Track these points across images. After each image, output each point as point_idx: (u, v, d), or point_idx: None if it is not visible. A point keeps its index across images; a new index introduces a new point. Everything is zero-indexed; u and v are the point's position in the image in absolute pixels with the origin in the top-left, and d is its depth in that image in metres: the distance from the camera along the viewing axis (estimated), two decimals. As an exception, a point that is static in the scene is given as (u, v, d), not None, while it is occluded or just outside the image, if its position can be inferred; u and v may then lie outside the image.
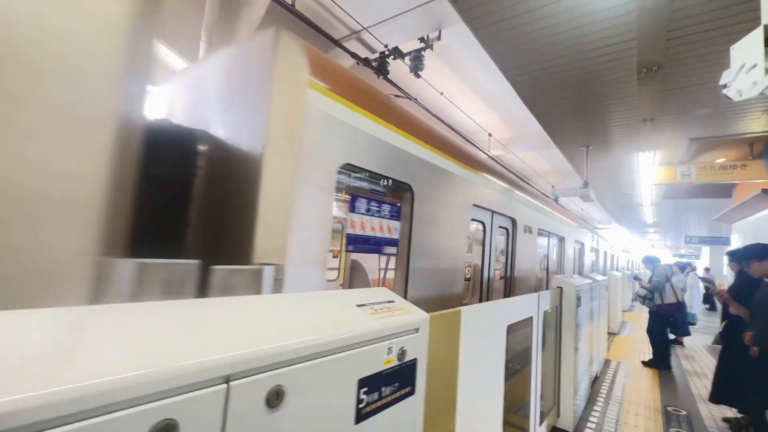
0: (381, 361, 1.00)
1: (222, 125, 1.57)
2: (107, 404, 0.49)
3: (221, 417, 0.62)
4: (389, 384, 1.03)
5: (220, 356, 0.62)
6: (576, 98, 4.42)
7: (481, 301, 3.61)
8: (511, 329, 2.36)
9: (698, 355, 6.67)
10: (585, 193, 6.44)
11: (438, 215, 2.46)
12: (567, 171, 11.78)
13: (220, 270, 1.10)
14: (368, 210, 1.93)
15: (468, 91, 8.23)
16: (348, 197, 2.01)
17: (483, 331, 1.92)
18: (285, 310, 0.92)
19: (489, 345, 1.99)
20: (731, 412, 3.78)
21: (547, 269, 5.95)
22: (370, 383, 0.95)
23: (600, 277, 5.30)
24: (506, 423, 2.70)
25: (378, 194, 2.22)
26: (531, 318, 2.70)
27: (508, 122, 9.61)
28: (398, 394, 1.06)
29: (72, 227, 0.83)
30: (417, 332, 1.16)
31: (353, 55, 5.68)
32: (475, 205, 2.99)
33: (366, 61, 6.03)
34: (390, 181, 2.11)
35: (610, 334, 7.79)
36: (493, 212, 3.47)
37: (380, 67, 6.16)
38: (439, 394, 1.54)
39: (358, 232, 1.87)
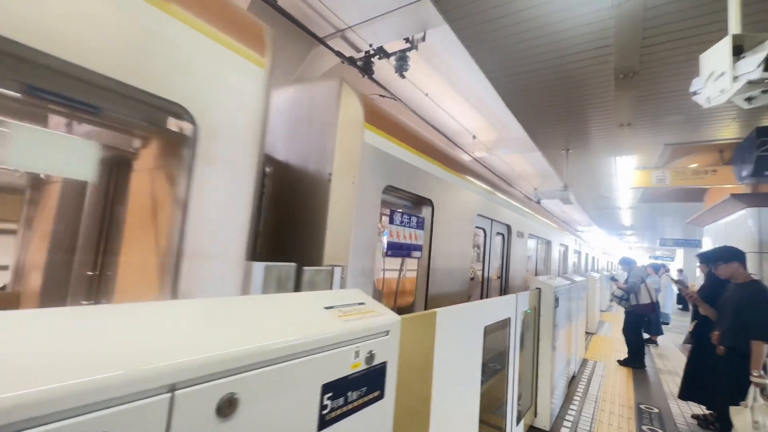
0: (347, 365, 0.97)
1: (288, 152, 1.91)
2: (25, 419, 0.45)
3: (164, 429, 0.58)
4: (356, 388, 1.00)
5: (164, 364, 0.59)
6: (556, 102, 4.49)
7: (482, 297, 4.00)
8: (488, 330, 2.38)
9: (671, 353, 6.89)
10: (565, 196, 6.57)
11: (451, 224, 2.91)
12: (549, 173, 12.01)
13: (308, 270, 1.48)
14: (401, 222, 2.37)
15: (453, 92, 8.29)
16: (388, 212, 2.40)
17: (459, 332, 1.92)
18: (247, 313, 0.88)
19: (465, 346, 1.99)
20: (700, 409, 3.92)
21: (536, 270, 6.44)
22: (334, 388, 0.92)
23: (578, 278, 5.41)
24: (483, 423, 2.71)
25: (408, 209, 2.65)
26: (509, 319, 2.72)
27: (492, 125, 9.72)
28: (366, 398, 1.04)
29: (233, 240, 1.25)
30: (387, 335, 1.14)
31: (338, 54, 5.63)
32: (478, 214, 3.47)
33: (351, 60, 5.99)
34: (416, 198, 2.54)
35: (588, 333, 7.98)
36: (492, 220, 3.94)
37: (365, 67, 6.13)
38: (413, 397, 1.53)
39: (395, 239, 2.31)
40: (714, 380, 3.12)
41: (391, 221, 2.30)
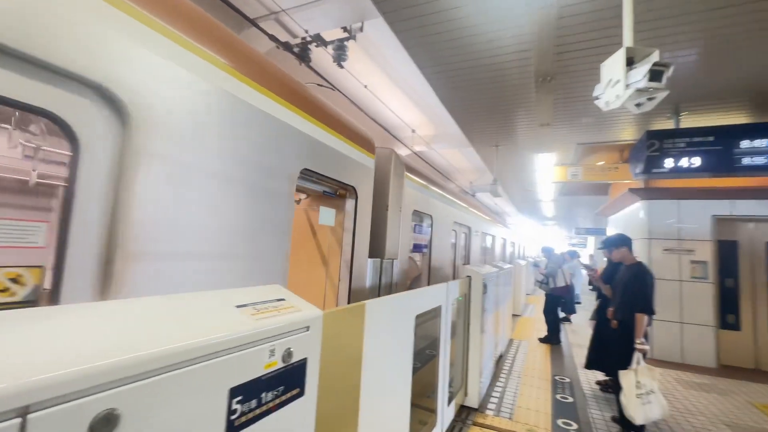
0: (260, 365, 0.92)
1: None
2: None
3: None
4: (271, 389, 0.96)
5: (5, 385, 0.49)
6: (486, 100, 4.76)
7: (454, 278, 5.66)
8: (422, 319, 2.47)
9: (581, 329, 7.81)
10: (494, 189, 7.04)
11: (442, 230, 5.01)
12: (483, 168, 12.77)
13: (384, 261, 3.01)
14: (419, 231, 4.39)
15: (392, 86, 8.36)
16: (413, 224, 4.18)
17: (390, 323, 1.95)
18: (144, 317, 0.79)
19: (396, 336, 2.03)
20: (602, 376, 4.50)
21: (485, 259, 8.51)
22: (245, 391, 0.87)
23: (506, 266, 5.85)
24: (418, 407, 2.82)
25: (421, 221, 4.52)
26: (440, 307, 2.84)
27: (431, 120, 10.02)
28: (284, 397, 1.00)
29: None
30: (307, 330, 1.11)
31: (272, 38, 5.34)
32: (454, 221, 5.59)
33: (287, 46, 5.72)
34: (426, 215, 4.45)
35: (514, 315, 8.72)
36: (460, 224, 5.90)
37: (302, 54, 5.91)
38: (341, 390, 1.52)
39: (418, 242, 4.43)
40: (610, 350, 3.60)
41: (414, 230, 4.39)
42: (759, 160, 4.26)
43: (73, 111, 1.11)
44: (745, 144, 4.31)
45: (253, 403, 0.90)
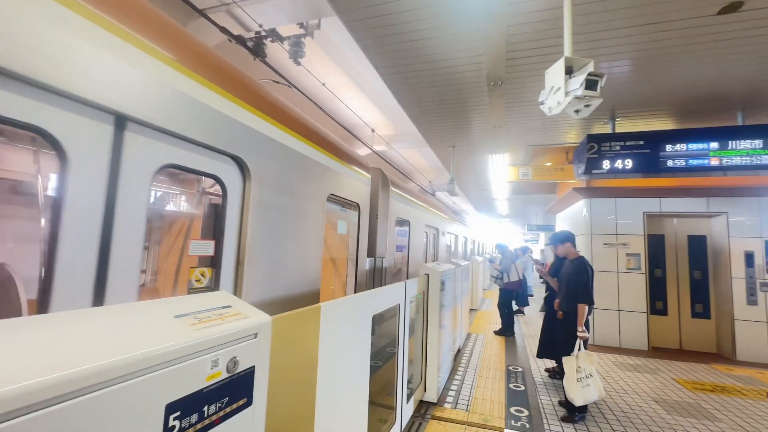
0: (202, 377, 0.88)
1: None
2: None
3: None
4: (214, 401, 0.91)
5: None
6: (442, 102, 4.88)
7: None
8: (381, 318, 2.48)
9: (533, 320, 8.28)
10: (451, 188, 7.25)
11: (418, 232, 6.11)
12: (442, 168, 13.09)
13: (376, 259, 4.13)
14: (399, 233, 5.47)
15: (352, 85, 8.32)
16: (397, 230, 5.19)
17: (346, 324, 1.93)
18: (62, 333, 0.72)
19: (353, 337, 2.03)
20: (551, 364, 4.81)
21: (449, 256, 9.89)
22: (183, 406, 0.82)
23: (464, 263, 6.05)
24: (377, 405, 2.83)
25: (402, 226, 5.48)
26: (398, 305, 2.87)
27: (390, 120, 10.10)
28: (229, 409, 0.96)
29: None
30: (255, 337, 1.07)
31: (223, 30, 5.09)
32: (426, 224, 6.70)
33: (240, 39, 5.48)
34: (404, 220, 5.35)
35: (472, 310, 9.05)
36: (430, 226, 7.13)
37: (256, 48, 5.69)
38: (296, 394, 1.49)
39: (400, 243, 5.52)
40: (557, 339, 3.85)
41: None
42: (680, 163, 4.77)
43: (225, 173, 1.96)
44: (669, 148, 4.81)
45: (194, 417, 0.86)
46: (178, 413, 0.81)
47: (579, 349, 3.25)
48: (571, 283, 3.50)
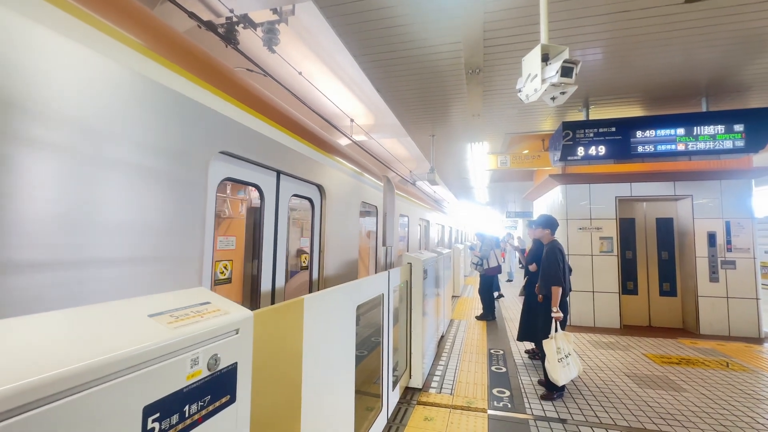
0: (181, 376, 0.85)
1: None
2: None
3: None
4: (196, 400, 0.89)
5: None
6: (421, 90, 4.85)
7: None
8: (363, 308, 2.49)
9: (513, 304, 8.53)
10: (431, 178, 7.29)
11: (414, 225, 7.76)
12: (422, 157, 13.12)
13: (386, 248, 5.61)
14: (402, 227, 7.04)
15: (329, 74, 8.15)
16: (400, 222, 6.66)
17: (330, 315, 1.92)
18: (30, 336, 0.67)
19: (338, 328, 2.02)
20: (531, 345, 4.97)
21: (436, 244, 11.20)
22: (162, 408, 0.79)
23: (445, 251, 6.13)
24: (364, 394, 2.85)
25: (402, 220, 6.90)
26: (382, 295, 2.88)
27: (370, 109, 9.98)
28: (211, 407, 0.94)
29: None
30: (237, 333, 1.04)
31: (191, 15, 4.84)
32: (420, 218, 8.25)
33: (210, 25, 5.24)
34: (404, 216, 6.87)
35: (454, 297, 9.22)
36: (423, 219, 8.60)
37: (228, 35, 5.46)
38: (282, 388, 1.47)
39: (402, 235, 7.10)
40: (536, 322, 3.98)
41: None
42: (649, 148, 4.96)
43: (314, 195, 3.30)
44: (639, 134, 4.98)
45: (175, 418, 0.83)
46: (156, 415, 0.78)
47: (555, 330, 3.38)
48: (546, 266, 3.62)
